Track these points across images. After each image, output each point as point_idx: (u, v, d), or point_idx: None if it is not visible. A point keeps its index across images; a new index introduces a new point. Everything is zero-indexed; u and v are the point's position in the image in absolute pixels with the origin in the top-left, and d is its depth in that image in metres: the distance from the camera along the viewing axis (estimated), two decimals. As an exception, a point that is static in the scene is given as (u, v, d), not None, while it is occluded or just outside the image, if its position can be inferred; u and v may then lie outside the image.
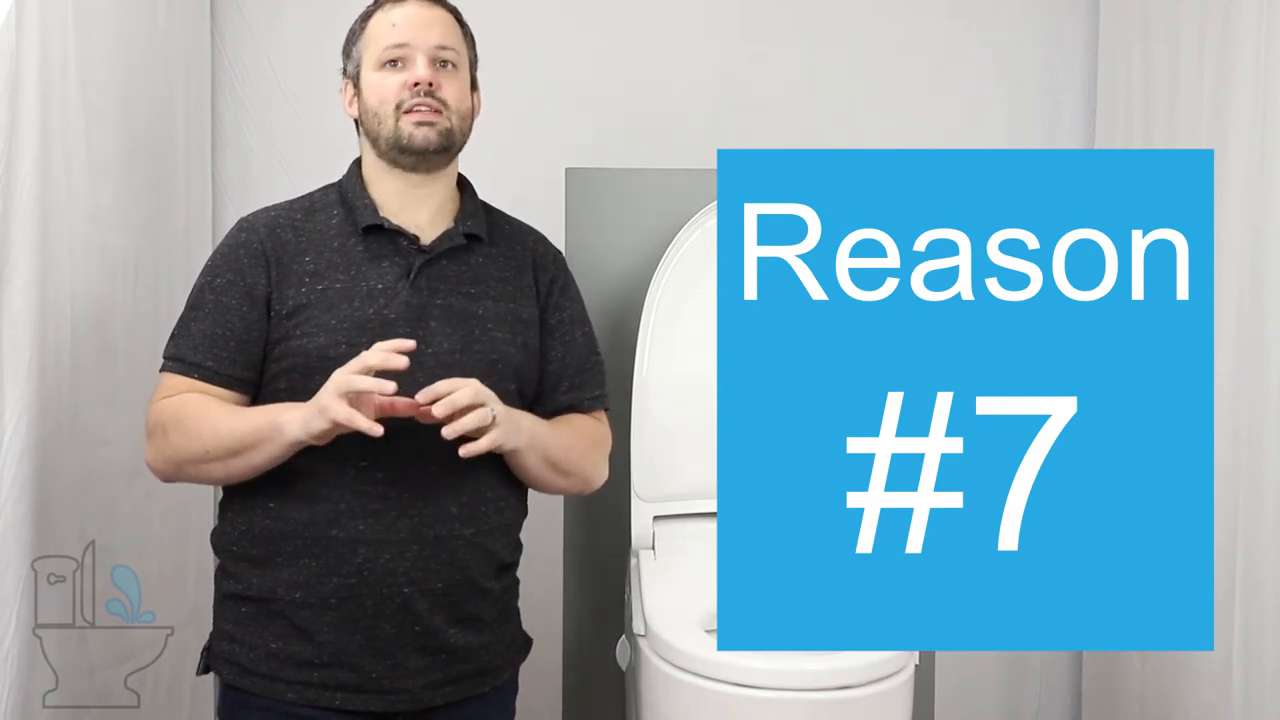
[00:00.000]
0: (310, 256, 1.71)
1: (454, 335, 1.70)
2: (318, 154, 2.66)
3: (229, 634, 1.72)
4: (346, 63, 1.81)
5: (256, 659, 1.69)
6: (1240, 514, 2.08)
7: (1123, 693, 2.52)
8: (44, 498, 1.90)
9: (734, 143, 2.66)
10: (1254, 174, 2.07)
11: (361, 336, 1.66)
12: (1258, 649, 2.04)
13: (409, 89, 1.71)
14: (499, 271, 1.78)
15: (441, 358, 1.69)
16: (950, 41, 2.71)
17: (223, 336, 1.69)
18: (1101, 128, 2.66)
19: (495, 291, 1.76)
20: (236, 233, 1.76)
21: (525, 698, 1.90)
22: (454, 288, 1.73)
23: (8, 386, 1.83)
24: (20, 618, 1.84)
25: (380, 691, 1.68)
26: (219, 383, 1.69)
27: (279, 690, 1.68)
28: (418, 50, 1.73)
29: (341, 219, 1.75)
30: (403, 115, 1.71)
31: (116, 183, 2.17)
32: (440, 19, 1.77)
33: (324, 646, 1.67)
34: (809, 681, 1.80)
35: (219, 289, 1.71)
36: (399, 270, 1.71)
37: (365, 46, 1.77)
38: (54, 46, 1.94)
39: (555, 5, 2.68)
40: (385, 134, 1.73)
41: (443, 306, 1.71)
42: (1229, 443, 2.12)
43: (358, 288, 1.69)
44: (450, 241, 1.75)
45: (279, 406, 1.65)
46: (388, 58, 1.73)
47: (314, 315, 1.68)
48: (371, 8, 1.80)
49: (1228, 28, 2.15)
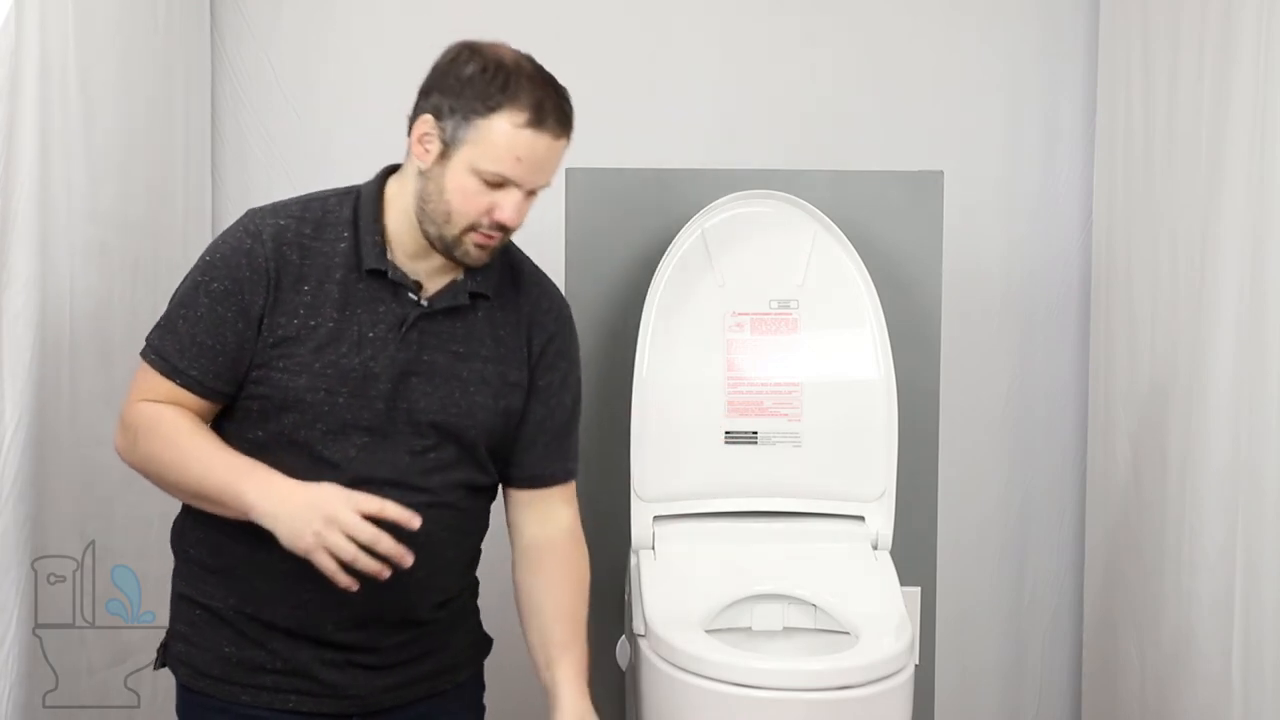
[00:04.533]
0: (309, 286, 1.64)
1: (434, 395, 1.66)
2: (318, 154, 2.67)
3: (183, 635, 1.72)
4: (450, 116, 1.62)
5: (209, 662, 1.69)
6: (1240, 514, 2.09)
7: (1123, 693, 2.52)
8: (44, 498, 1.90)
9: (733, 143, 2.67)
10: (1254, 176, 2.07)
11: (343, 386, 1.62)
12: (1258, 649, 2.04)
13: (489, 220, 1.62)
14: (494, 330, 1.72)
15: (415, 415, 1.65)
16: (950, 48, 2.71)
17: (213, 349, 1.62)
18: (1101, 134, 2.66)
19: (486, 351, 1.71)
20: (243, 235, 1.66)
21: (525, 698, 1.90)
22: (444, 345, 1.68)
23: (8, 386, 1.83)
24: (20, 618, 1.84)
25: (334, 696, 1.68)
26: (199, 392, 1.64)
27: (233, 693, 1.68)
28: (523, 187, 1.63)
29: (350, 246, 1.66)
30: (471, 234, 1.63)
31: (116, 183, 2.16)
32: (558, 153, 1.67)
33: (275, 655, 1.66)
34: (809, 681, 1.80)
35: (215, 295, 1.64)
36: (393, 319, 1.65)
37: (479, 142, 1.61)
38: (54, 46, 1.94)
39: (555, 5, 2.68)
40: (445, 234, 1.63)
41: (428, 364, 1.66)
42: (1229, 443, 2.12)
43: (348, 332, 1.63)
44: (452, 300, 1.68)
45: (250, 471, 1.59)
46: (491, 179, 1.61)
47: (299, 353, 1.63)
48: (505, 100, 1.61)
49: (1227, 32, 2.15)
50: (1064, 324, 2.77)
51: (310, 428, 1.63)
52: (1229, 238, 2.13)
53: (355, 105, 2.67)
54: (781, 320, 2.23)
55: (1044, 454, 2.78)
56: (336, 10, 2.69)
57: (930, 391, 2.35)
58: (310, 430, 1.63)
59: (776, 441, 2.22)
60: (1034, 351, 2.77)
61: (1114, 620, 2.58)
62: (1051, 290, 2.76)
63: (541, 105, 1.63)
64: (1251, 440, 2.06)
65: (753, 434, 2.22)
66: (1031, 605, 2.80)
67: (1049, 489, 2.79)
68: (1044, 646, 2.80)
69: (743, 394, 2.22)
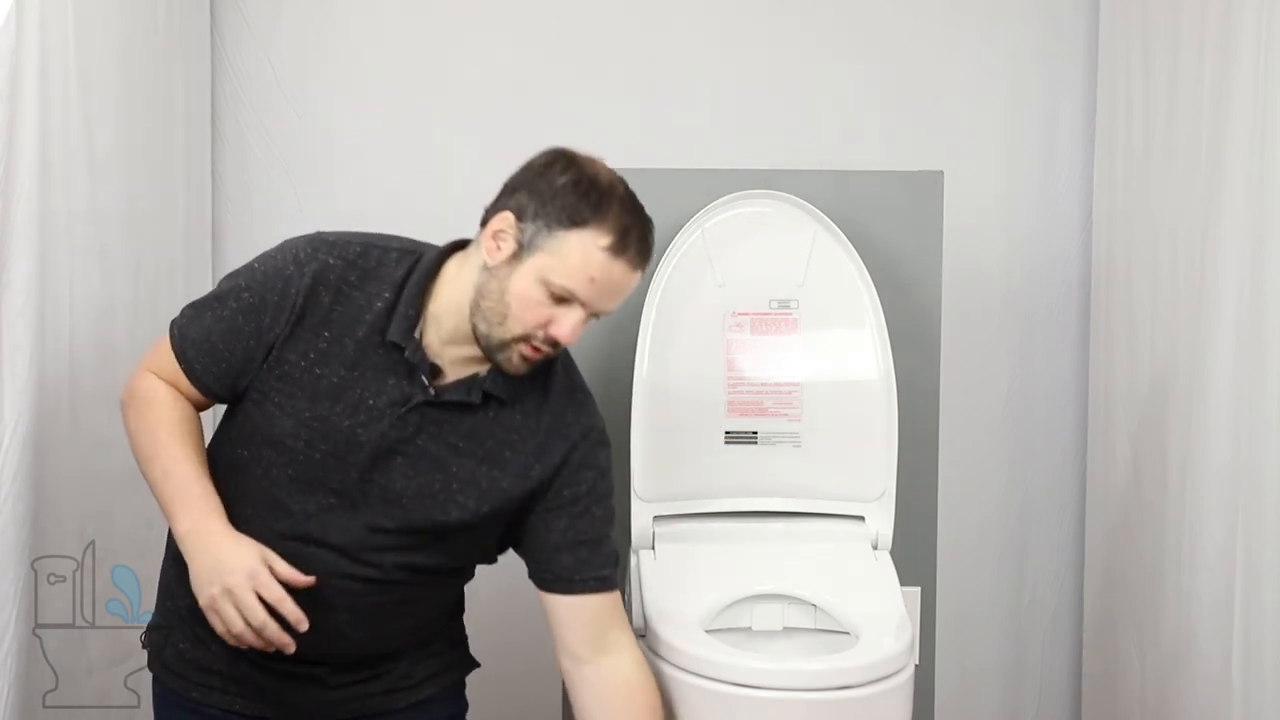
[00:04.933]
0: (329, 334, 1.61)
1: (413, 479, 1.62)
2: (317, 154, 2.67)
3: (156, 624, 1.74)
4: (530, 219, 1.58)
5: (171, 655, 1.71)
6: (1240, 514, 2.08)
7: (1123, 693, 2.52)
8: (44, 498, 1.90)
9: (733, 144, 2.67)
10: (1254, 176, 2.07)
11: (324, 444, 1.60)
12: (1258, 649, 2.04)
13: (545, 335, 1.58)
14: (503, 434, 1.66)
15: (388, 495, 1.62)
16: (950, 49, 2.71)
17: (221, 353, 1.63)
18: (1101, 134, 2.66)
19: (483, 452, 1.65)
20: (290, 260, 1.62)
21: (525, 698, 1.90)
22: (441, 435, 1.63)
23: (8, 386, 1.83)
24: (20, 618, 1.84)
25: (281, 704, 1.69)
26: (195, 385, 1.65)
27: (185, 688, 1.71)
28: (588, 308, 1.59)
29: (384, 308, 1.61)
30: (521, 343, 1.59)
31: (116, 183, 2.16)
32: (633, 283, 1.62)
33: (219, 658, 1.67)
34: (809, 681, 1.80)
35: (243, 305, 1.62)
36: (397, 396, 1.61)
37: (555, 253, 1.56)
38: (54, 46, 1.93)
39: (555, 5, 2.68)
40: (493, 337, 1.59)
41: (418, 449, 1.62)
42: (1229, 443, 2.12)
43: (349, 393, 1.60)
44: (463, 395, 1.63)
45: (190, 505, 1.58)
46: (558, 293, 1.57)
47: (296, 395, 1.61)
48: (592, 216, 1.57)
49: (1227, 32, 2.15)
50: (1064, 324, 2.77)
51: (282, 470, 1.62)
52: (1229, 238, 2.13)
53: (355, 105, 2.68)
54: (781, 320, 2.23)
55: (1044, 454, 2.78)
56: (336, 10, 2.68)
57: (930, 391, 2.35)
58: (281, 473, 1.62)
59: (776, 441, 2.22)
60: (1034, 351, 2.77)
61: (1114, 620, 2.58)
62: (1051, 290, 2.76)
63: (627, 232, 1.59)
64: (1251, 440, 2.06)
65: (753, 434, 2.22)
66: (1031, 605, 2.80)
67: (1049, 489, 2.78)
68: (1044, 646, 2.80)
69: (743, 394, 2.22)
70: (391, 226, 2.59)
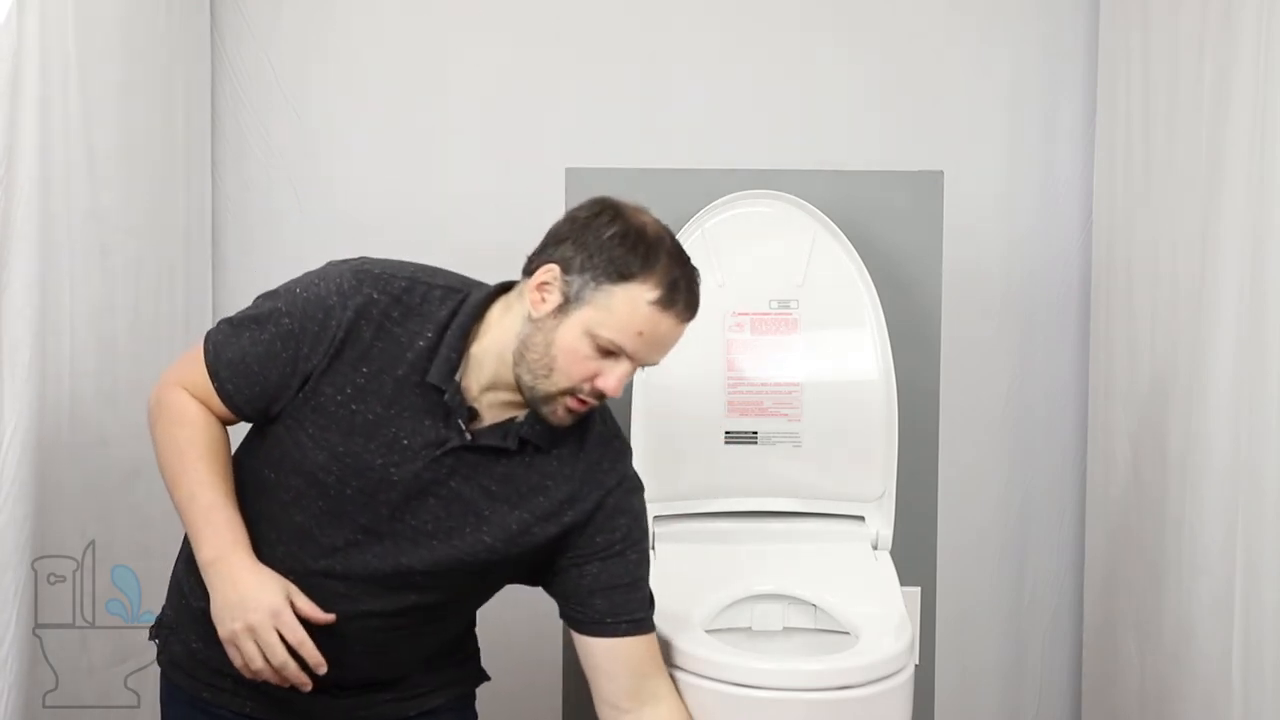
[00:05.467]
0: (368, 369, 1.58)
1: (443, 523, 1.61)
2: (317, 154, 2.67)
3: (168, 620, 1.73)
4: (577, 271, 1.56)
5: (182, 653, 1.71)
6: (1240, 514, 2.08)
7: (1123, 693, 2.52)
8: (44, 498, 1.91)
9: (732, 144, 2.68)
10: (1254, 176, 2.06)
11: (355, 480, 1.58)
12: (1258, 649, 2.04)
13: (591, 387, 1.56)
14: (536, 478, 1.64)
15: (419, 537, 1.61)
16: (950, 48, 2.71)
17: (256, 376, 1.60)
18: (1101, 134, 2.66)
19: (516, 497, 1.63)
20: (334, 291, 1.59)
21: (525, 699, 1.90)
22: (475, 478, 1.61)
23: (8, 386, 1.83)
24: (20, 618, 1.84)
25: (291, 711, 1.68)
26: (226, 404, 1.62)
27: (197, 687, 1.70)
28: (635, 361, 1.57)
29: (425, 347, 1.58)
30: (568, 397, 1.57)
31: (116, 183, 2.16)
32: (680, 335, 1.60)
33: (231, 662, 1.64)
34: (809, 681, 1.80)
35: (283, 331, 1.58)
36: (433, 438, 1.59)
37: (604, 307, 1.54)
38: (54, 46, 1.94)
39: (555, 5, 2.68)
40: (538, 389, 1.57)
41: (451, 491, 1.61)
42: (1229, 443, 2.12)
43: (384, 431, 1.58)
44: (499, 440, 1.61)
45: (216, 533, 1.57)
46: (606, 347, 1.55)
47: (330, 429, 1.58)
48: (644, 270, 1.55)
49: (1228, 33, 2.15)
50: (1064, 324, 2.76)
51: (312, 501, 1.60)
52: (1229, 238, 2.13)
53: (355, 105, 2.68)
54: (781, 320, 2.23)
55: (1044, 454, 2.78)
56: (336, 10, 2.68)
57: (930, 391, 2.36)
58: (311, 504, 1.60)
59: (776, 441, 2.22)
60: (1034, 351, 2.77)
61: (1114, 620, 2.58)
62: (1051, 290, 2.76)
63: (676, 285, 1.56)
64: (1251, 440, 2.06)
65: (753, 434, 2.22)
66: (1031, 605, 2.80)
67: (1049, 489, 2.78)
68: (1044, 646, 2.80)
69: (743, 394, 2.22)
70: (391, 226, 2.63)
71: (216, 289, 2.63)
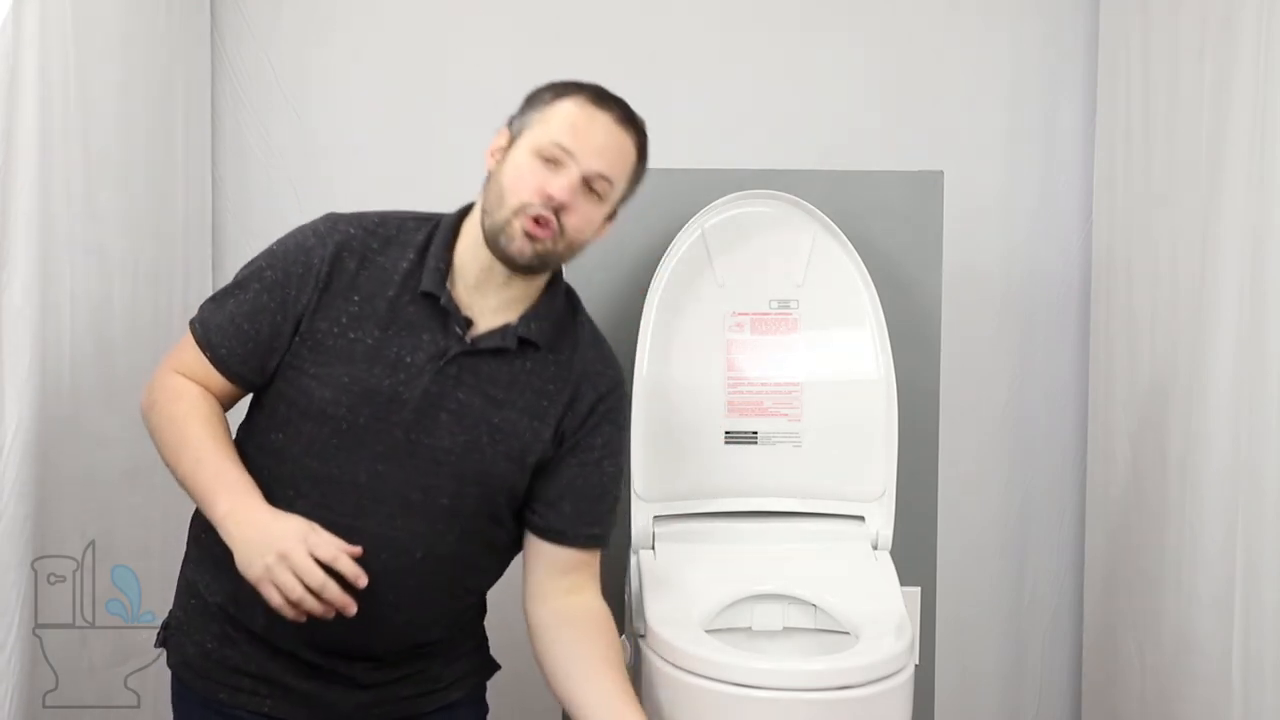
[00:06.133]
0: (359, 297, 1.63)
1: (458, 437, 1.63)
2: (317, 154, 2.67)
3: (178, 621, 1.73)
4: (519, 116, 1.67)
5: (194, 654, 1.70)
6: (1240, 514, 2.08)
7: (1123, 693, 2.52)
8: (44, 498, 1.90)
9: (733, 144, 2.67)
10: (1254, 176, 2.07)
11: (366, 407, 1.60)
12: (1258, 649, 2.04)
13: (541, 195, 1.60)
14: (538, 383, 1.68)
15: (437, 455, 1.62)
16: (950, 48, 2.71)
17: (248, 334, 1.63)
18: (1101, 134, 2.66)
19: (523, 403, 1.67)
20: (310, 234, 1.66)
21: (525, 698, 1.90)
22: (481, 386, 1.64)
23: (8, 386, 1.83)
24: (20, 618, 1.84)
25: (309, 705, 1.68)
26: (224, 372, 1.65)
27: (212, 689, 1.69)
28: (576, 165, 1.61)
29: (411, 267, 1.65)
30: (522, 216, 1.60)
31: (115, 183, 2.17)
32: (620, 147, 1.65)
33: (250, 658, 1.67)
34: (809, 681, 1.80)
35: (267, 282, 1.63)
36: (434, 350, 1.63)
37: (539, 123, 1.63)
38: (54, 46, 1.94)
39: (555, 5, 2.68)
40: (496, 219, 1.62)
41: (461, 403, 1.63)
42: (1229, 443, 2.12)
43: (385, 353, 1.62)
44: (499, 342, 1.65)
45: (230, 487, 1.58)
46: (548, 154, 1.61)
47: (332, 363, 1.61)
48: (573, 88, 1.65)
49: (1228, 32, 2.15)
50: (1064, 324, 2.76)
51: (326, 442, 1.61)
52: (1229, 238, 2.13)
53: (355, 105, 2.68)
54: (781, 320, 2.23)
55: (1044, 454, 2.78)
56: (336, 10, 2.68)
57: (930, 391, 2.35)
58: (325, 446, 1.61)
59: (776, 441, 2.22)
60: (1034, 351, 2.77)
61: (1114, 620, 2.58)
62: (1051, 290, 2.76)
63: (606, 93, 1.66)
64: (1251, 440, 2.06)
65: (753, 434, 2.22)
66: (1031, 605, 2.80)
67: (1049, 489, 2.78)
68: (1044, 647, 2.80)
69: (743, 394, 2.22)
70: (391, 226, 2.63)
71: (216, 289, 2.63)
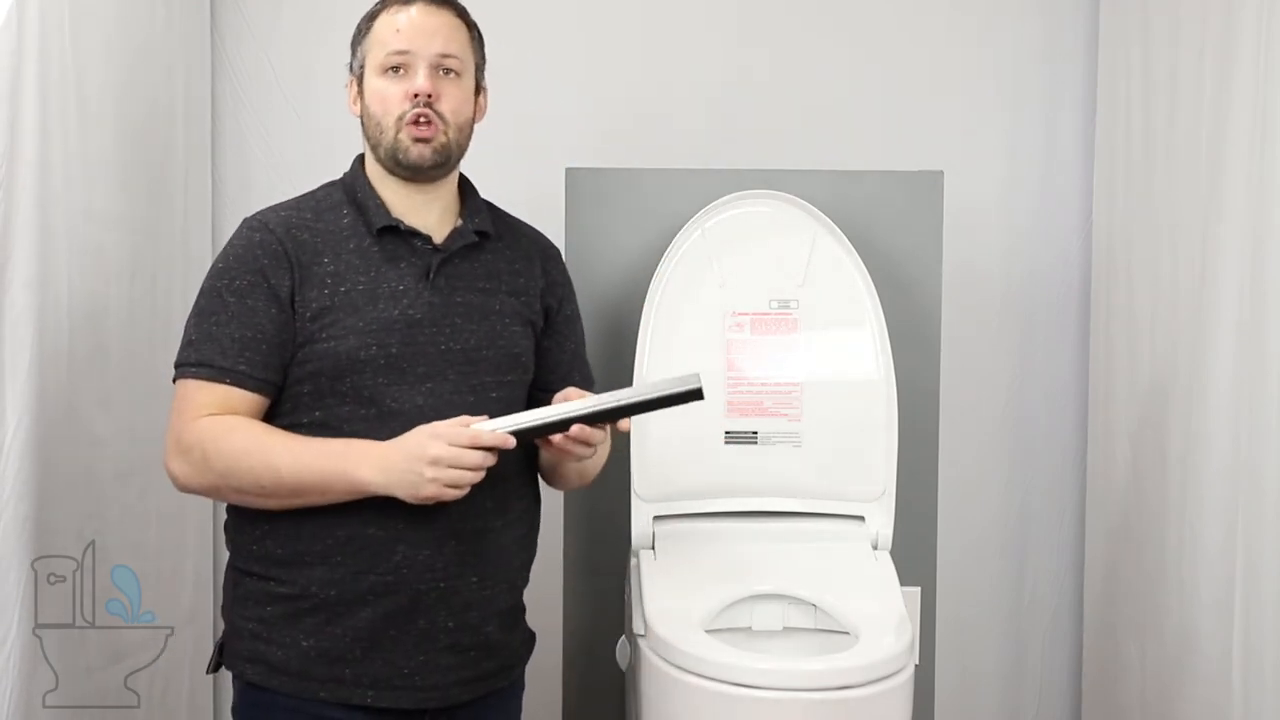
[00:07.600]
0: (329, 258, 1.70)
1: (478, 331, 1.74)
2: (317, 154, 2.66)
3: (252, 632, 1.69)
4: (352, 60, 1.79)
5: (286, 657, 1.67)
6: (1240, 514, 2.08)
7: (1123, 693, 2.52)
8: (44, 498, 1.90)
9: (732, 144, 2.68)
10: (1254, 176, 2.07)
11: (390, 337, 1.68)
12: (1258, 649, 2.04)
13: (409, 99, 1.71)
14: (509, 266, 1.81)
15: (469, 354, 1.73)
16: (950, 48, 2.71)
17: (254, 340, 1.65)
18: (1101, 134, 2.66)
19: (508, 286, 1.79)
20: (249, 233, 1.72)
21: (525, 697, 1.90)
22: (470, 284, 1.76)
23: (8, 386, 1.83)
24: (20, 618, 1.84)
25: (412, 688, 1.69)
26: (252, 387, 1.65)
27: (310, 689, 1.67)
28: (420, 59, 1.72)
29: (353, 219, 1.74)
30: (403, 126, 1.71)
31: (115, 183, 2.17)
32: (445, 24, 1.75)
33: (358, 642, 1.67)
34: (809, 681, 1.80)
35: (240, 291, 1.67)
36: (418, 270, 1.72)
37: (370, 48, 1.75)
38: (53, 47, 1.94)
39: (556, 5, 2.68)
40: (385, 144, 1.72)
41: (464, 304, 1.74)
42: (1229, 443, 2.12)
43: (380, 289, 1.70)
44: (463, 239, 1.76)
45: (345, 451, 1.63)
46: (390, 64, 1.72)
47: (339, 318, 1.67)
48: (378, 7, 1.77)
49: (1227, 33, 2.15)
50: (1064, 324, 2.77)
51: (373, 384, 1.67)
52: (1229, 238, 2.13)
53: (355, 105, 2.67)
54: (781, 320, 2.23)
55: (1044, 454, 2.78)
56: (336, 10, 2.67)
57: (930, 391, 2.35)
58: (373, 386, 1.67)
59: (776, 441, 2.22)
60: (1034, 351, 2.77)
61: (1114, 620, 2.58)
62: (1051, 290, 2.76)
63: None
64: (1251, 440, 2.06)
65: (753, 434, 2.22)
66: (1031, 605, 2.80)
67: (1049, 489, 2.78)
68: (1044, 646, 2.80)
69: (743, 394, 2.22)
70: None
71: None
